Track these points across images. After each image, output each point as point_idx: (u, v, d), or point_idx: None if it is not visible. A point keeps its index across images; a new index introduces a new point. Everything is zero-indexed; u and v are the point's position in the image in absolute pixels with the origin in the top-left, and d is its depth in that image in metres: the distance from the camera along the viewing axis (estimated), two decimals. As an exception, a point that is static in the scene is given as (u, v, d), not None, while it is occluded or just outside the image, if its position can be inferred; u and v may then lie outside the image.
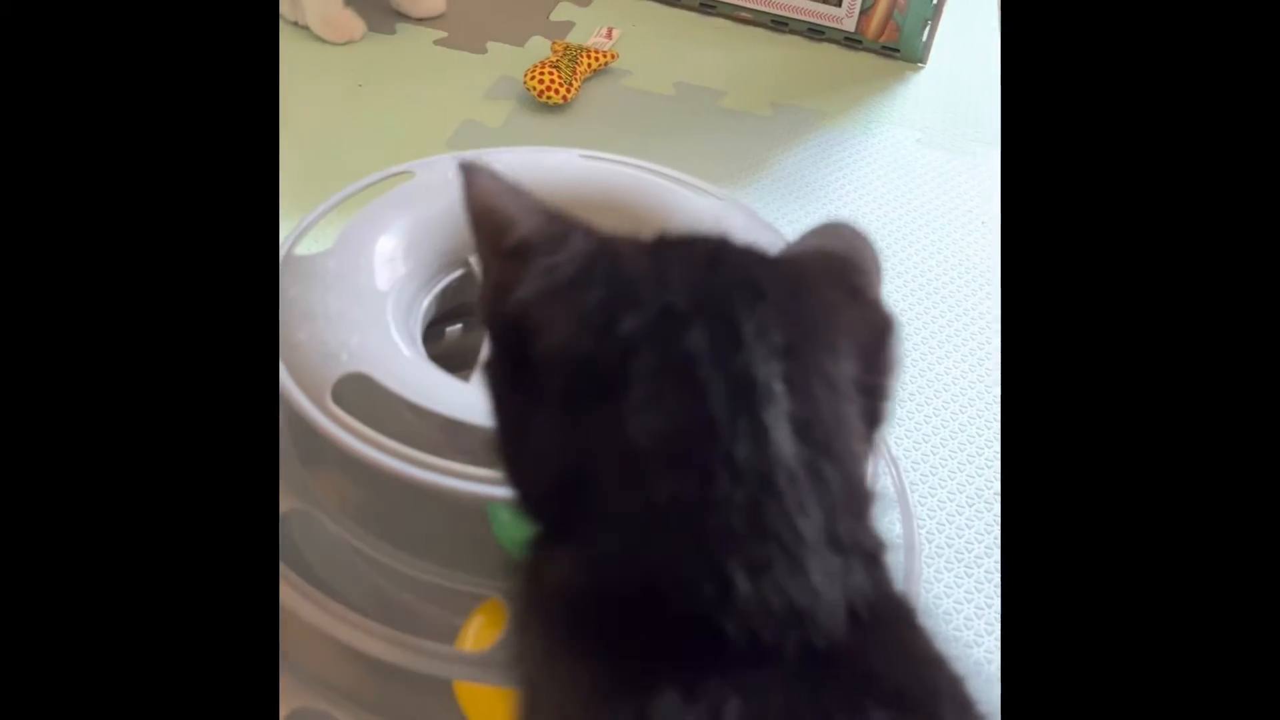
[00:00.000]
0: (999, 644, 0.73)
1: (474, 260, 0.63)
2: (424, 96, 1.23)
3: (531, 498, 0.35)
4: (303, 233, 0.60)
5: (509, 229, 0.35)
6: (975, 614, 0.75)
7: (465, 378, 0.55)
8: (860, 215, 1.11)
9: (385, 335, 0.54)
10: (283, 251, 0.58)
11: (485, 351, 0.37)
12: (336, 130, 1.15)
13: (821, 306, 0.35)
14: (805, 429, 0.32)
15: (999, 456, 0.87)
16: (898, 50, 1.44)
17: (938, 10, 1.40)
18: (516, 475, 0.35)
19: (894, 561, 0.33)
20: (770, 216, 0.65)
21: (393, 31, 1.35)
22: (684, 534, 0.31)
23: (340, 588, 0.53)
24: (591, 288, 0.34)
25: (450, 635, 0.52)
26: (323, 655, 0.56)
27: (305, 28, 1.32)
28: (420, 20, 1.38)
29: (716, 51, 1.42)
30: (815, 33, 1.47)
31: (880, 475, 0.73)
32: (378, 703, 0.54)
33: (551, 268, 0.34)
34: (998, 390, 0.93)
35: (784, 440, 0.31)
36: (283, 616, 0.57)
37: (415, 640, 0.50)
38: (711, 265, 0.35)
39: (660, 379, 0.32)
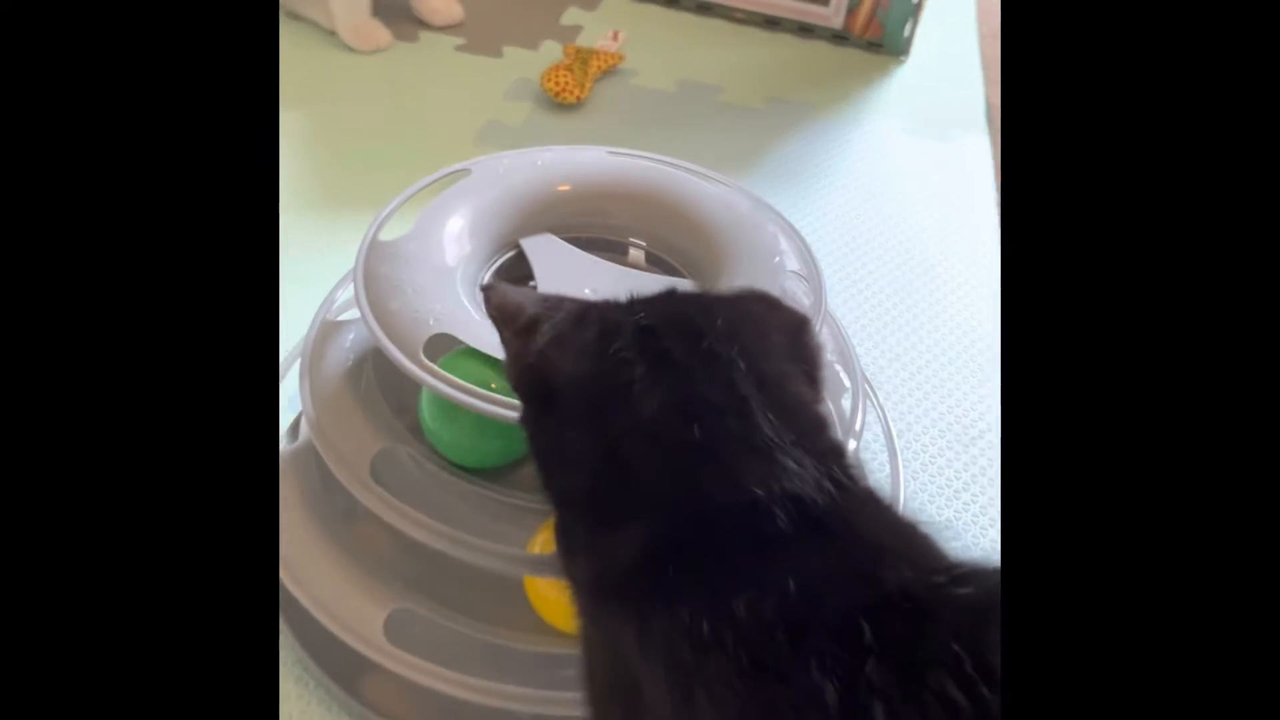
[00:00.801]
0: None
1: (523, 243, 0.75)
2: (449, 99, 1.35)
3: (577, 500, 0.46)
4: (382, 222, 0.71)
5: (520, 313, 0.49)
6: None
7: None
8: (849, 199, 1.23)
9: (459, 303, 0.66)
10: (368, 238, 0.70)
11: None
12: (373, 131, 1.27)
13: (753, 314, 0.49)
14: (763, 383, 0.44)
15: (981, 409, 0.99)
16: (882, 45, 1.56)
17: (918, 8, 1.52)
18: (562, 486, 0.47)
19: (880, 486, 0.45)
20: (767, 201, 0.77)
21: (416, 40, 1.47)
22: (705, 466, 0.43)
23: (425, 509, 0.65)
24: (586, 329, 0.47)
25: (519, 546, 0.64)
26: (414, 565, 0.68)
27: (333, 34, 1.44)
28: (441, 28, 1.49)
29: (714, 50, 1.53)
30: (805, 30, 1.58)
31: (869, 423, 0.85)
32: (460, 601, 0.66)
33: (555, 324, 0.48)
34: (981, 359, 1.06)
35: (751, 391, 0.44)
36: (381, 533, 0.69)
37: (494, 546, 0.62)
38: (668, 300, 0.49)
39: (653, 371, 0.44)
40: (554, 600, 0.65)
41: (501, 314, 0.50)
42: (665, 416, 0.43)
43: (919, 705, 0.34)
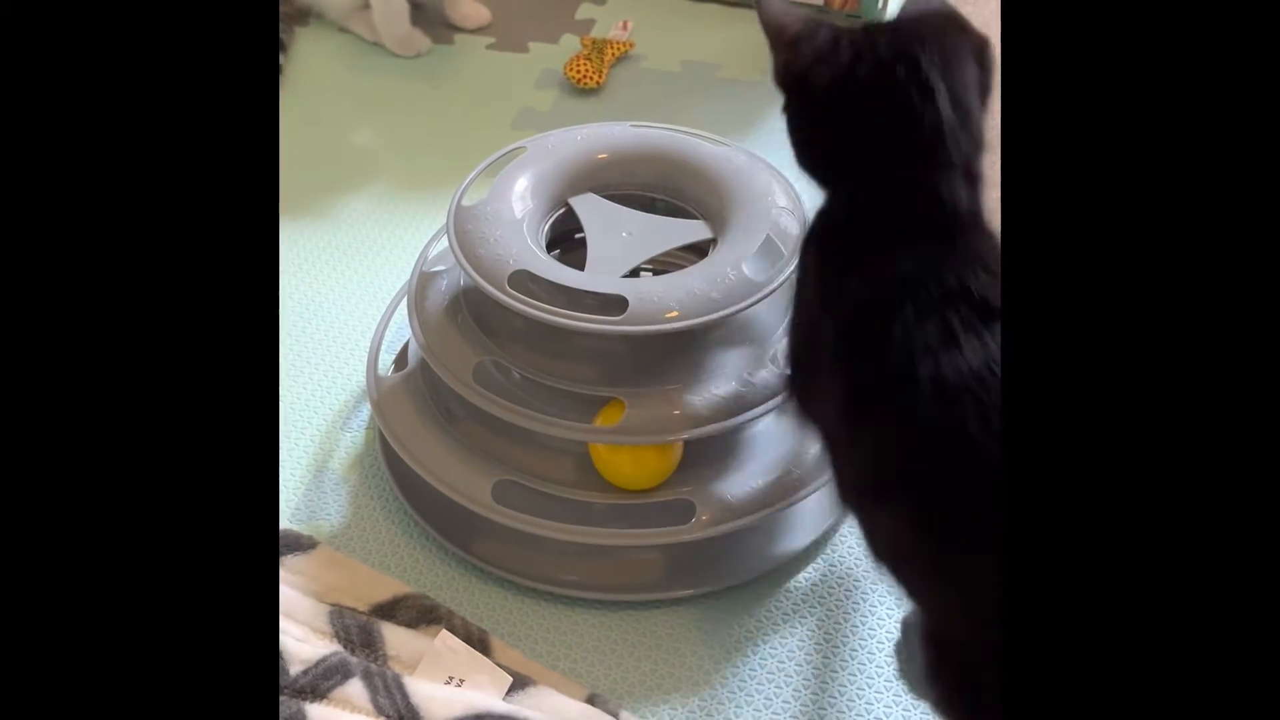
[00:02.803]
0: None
1: (571, 201, 0.96)
2: (486, 91, 1.56)
3: (814, 161, 0.70)
4: (464, 191, 0.93)
5: (784, 31, 0.70)
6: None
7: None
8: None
9: (527, 248, 0.88)
10: (454, 203, 0.92)
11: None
12: (427, 124, 1.48)
13: (954, 46, 0.67)
14: (955, 102, 0.65)
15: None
16: (859, 17, 1.75)
17: (889, -19, 1.71)
18: (806, 149, 0.70)
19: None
20: (762, 157, 0.98)
21: (452, 43, 1.67)
22: (896, 155, 0.65)
23: (513, 401, 0.86)
24: (839, 54, 0.67)
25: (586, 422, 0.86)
26: (507, 447, 0.89)
27: (381, 45, 1.65)
28: (472, 31, 1.70)
29: (713, 32, 1.73)
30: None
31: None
32: (544, 471, 0.88)
33: (816, 46, 0.68)
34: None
35: (945, 107, 0.64)
36: (478, 427, 0.90)
37: (568, 422, 0.84)
38: (896, 35, 0.67)
39: (881, 87, 0.65)
40: (612, 462, 0.86)
41: (769, 28, 0.70)
42: (882, 120, 0.65)
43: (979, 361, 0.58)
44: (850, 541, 0.94)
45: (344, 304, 1.17)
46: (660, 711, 0.82)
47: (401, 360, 1.02)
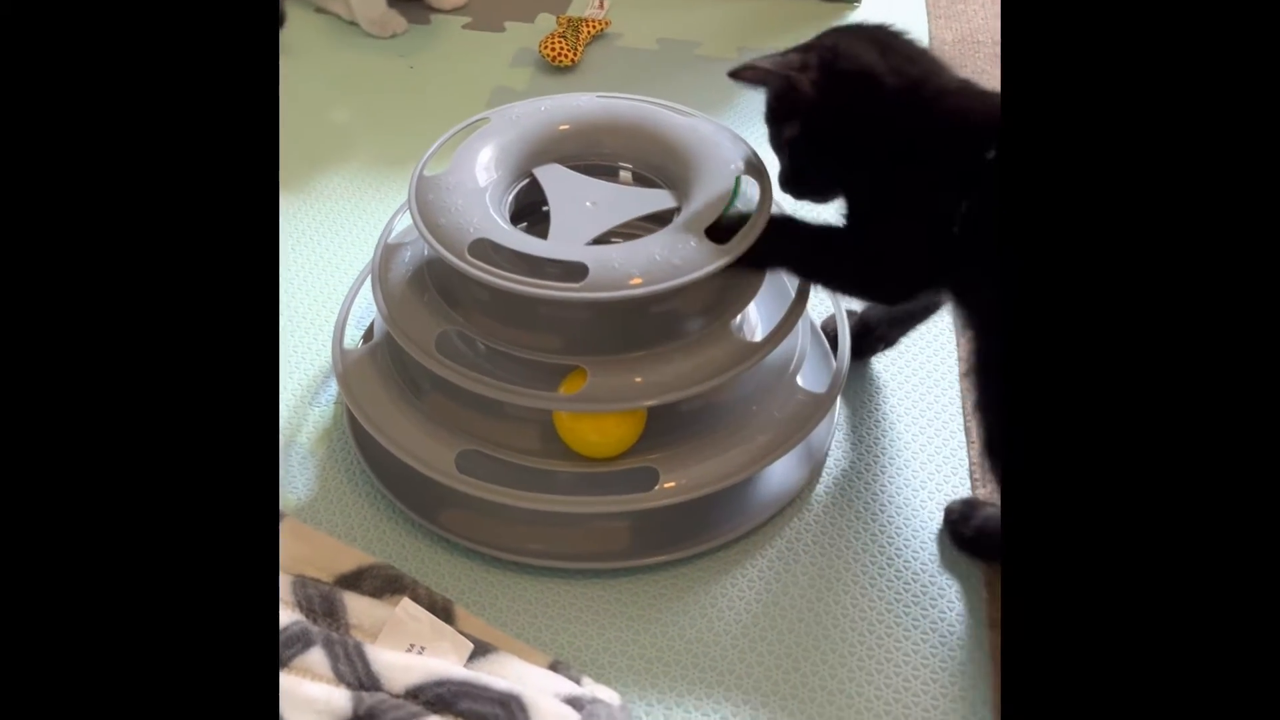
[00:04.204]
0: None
1: (536, 172, 0.95)
2: (462, 70, 1.55)
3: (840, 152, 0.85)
4: (425, 162, 0.93)
5: (769, 77, 0.86)
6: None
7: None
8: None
9: (489, 216, 0.87)
10: (415, 175, 0.91)
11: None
12: (401, 103, 1.48)
13: (851, 35, 0.86)
14: (882, 55, 0.83)
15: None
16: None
17: (867, -43, 1.71)
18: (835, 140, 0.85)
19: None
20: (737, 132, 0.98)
21: (428, 23, 1.67)
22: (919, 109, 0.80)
23: (475, 369, 0.86)
24: (809, 71, 0.84)
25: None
26: (471, 419, 0.89)
27: (355, 24, 1.64)
28: (449, 11, 1.69)
29: (689, 10, 1.73)
30: (770, -14, 1.77)
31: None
32: (507, 439, 0.88)
33: (797, 73, 0.84)
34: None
35: (878, 63, 0.82)
36: (445, 400, 0.90)
37: (531, 390, 0.84)
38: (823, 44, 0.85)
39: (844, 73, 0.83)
40: (576, 431, 0.86)
41: (757, 79, 0.85)
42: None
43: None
44: (817, 510, 0.94)
45: (316, 279, 1.17)
46: (625, 677, 0.82)
47: (370, 336, 1.01)
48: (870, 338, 1.03)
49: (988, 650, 0.83)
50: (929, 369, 1.07)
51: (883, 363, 1.08)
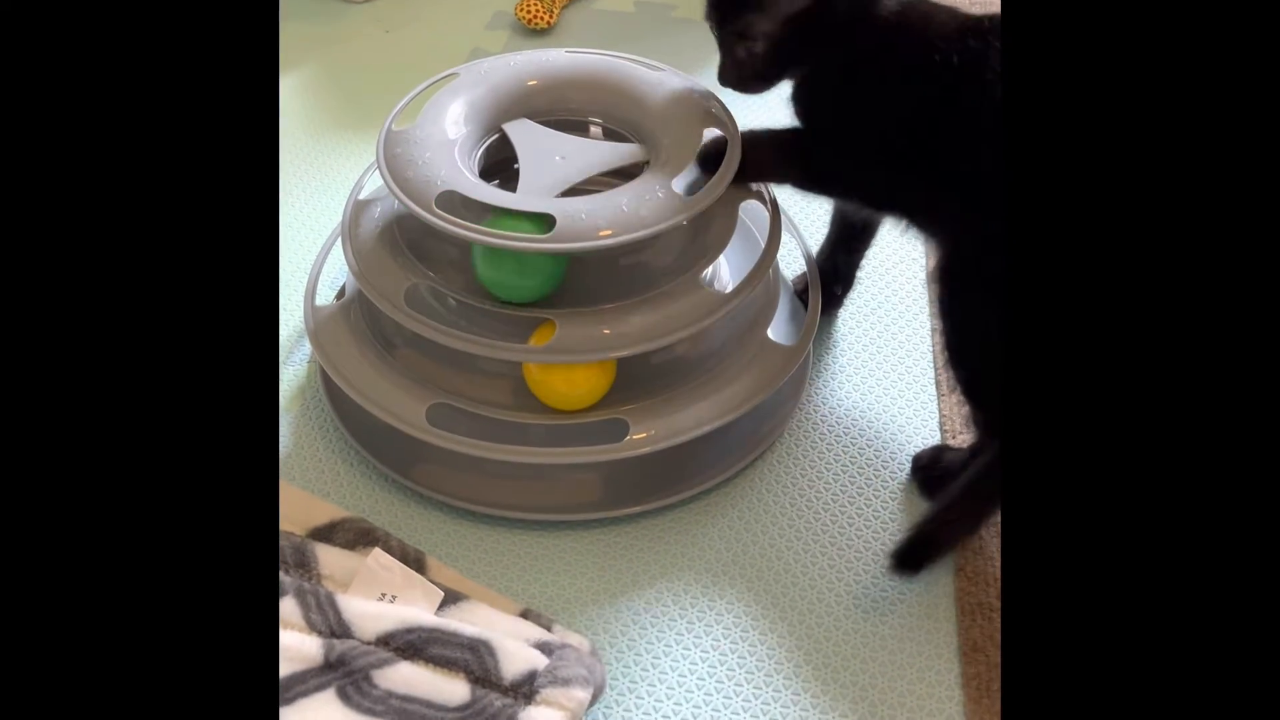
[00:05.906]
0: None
1: (505, 127, 0.95)
2: (437, 33, 1.54)
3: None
4: (394, 116, 0.93)
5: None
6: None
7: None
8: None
9: (456, 168, 0.87)
10: (384, 129, 0.91)
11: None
12: (376, 66, 1.47)
13: None
14: None
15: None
16: None
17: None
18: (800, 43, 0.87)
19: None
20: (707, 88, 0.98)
21: (404, -14, 1.66)
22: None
23: (445, 324, 0.86)
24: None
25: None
26: (442, 373, 0.90)
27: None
28: (425, -26, 1.68)
29: (667, -28, 1.72)
30: (748, -52, 1.77)
31: (792, 250, 1.06)
32: (479, 394, 0.88)
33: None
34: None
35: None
36: (416, 356, 0.90)
37: (501, 343, 0.84)
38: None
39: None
40: (545, 383, 0.87)
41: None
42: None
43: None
44: (788, 461, 0.94)
45: (289, 240, 1.17)
46: (595, 625, 0.83)
47: (343, 295, 1.02)
48: (829, 282, 1.02)
49: (953, 597, 0.84)
50: (900, 324, 1.08)
51: (855, 317, 1.08)
